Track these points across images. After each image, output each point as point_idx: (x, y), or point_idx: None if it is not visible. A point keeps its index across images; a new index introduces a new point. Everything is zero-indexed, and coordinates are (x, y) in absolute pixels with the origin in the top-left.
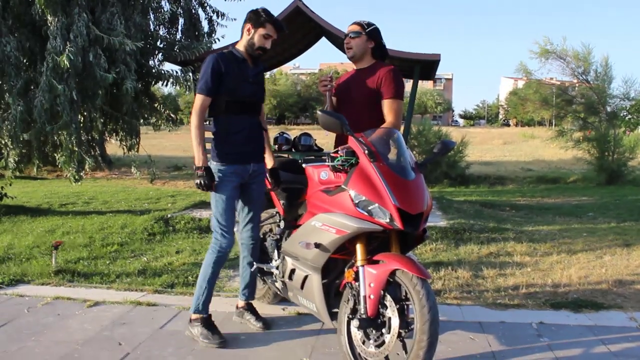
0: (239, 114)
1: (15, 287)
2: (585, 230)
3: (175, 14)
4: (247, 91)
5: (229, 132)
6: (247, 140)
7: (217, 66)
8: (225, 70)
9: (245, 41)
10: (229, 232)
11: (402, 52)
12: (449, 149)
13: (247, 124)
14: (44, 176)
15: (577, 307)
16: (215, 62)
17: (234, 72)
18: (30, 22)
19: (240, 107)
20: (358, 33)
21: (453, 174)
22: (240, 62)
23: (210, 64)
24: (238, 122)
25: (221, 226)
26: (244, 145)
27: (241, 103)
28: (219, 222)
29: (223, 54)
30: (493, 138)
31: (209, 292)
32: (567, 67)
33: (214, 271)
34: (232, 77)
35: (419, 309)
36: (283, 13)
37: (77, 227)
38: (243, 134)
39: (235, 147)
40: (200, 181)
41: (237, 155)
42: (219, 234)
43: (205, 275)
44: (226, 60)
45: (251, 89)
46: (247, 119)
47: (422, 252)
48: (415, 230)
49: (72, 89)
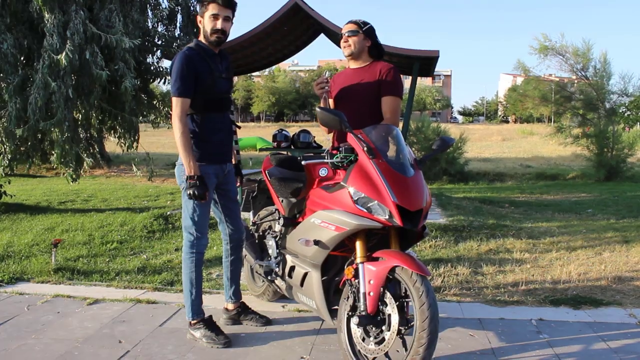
0: (217, 112)
1: (15, 285)
2: (585, 227)
3: (174, 10)
4: (223, 87)
5: (210, 130)
6: (223, 139)
7: (191, 64)
8: (199, 67)
9: (202, 33)
10: (204, 233)
11: (400, 49)
12: (448, 145)
13: (224, 121)
14: (43, 174)
15: (576, 303)
16: (187, 59)
17: (206, 68)
18: (28, 19)
19: (216, 105)
20: (355, 32)
21: (452, 171)
22: (211, 57)
23: (182, 62)
24: (217, 120)
25: (197, 228)
26: (223, 145)
27: (217, 100)
28: (195, 224)
29: (192, 49)
30: (492, 134)
31: (198, 293)
32: (566, 64)
33: (197, 273)
34: (206, 74)
35: (419, 306)
36: (281, 10)
37: (76, 225)
38: (221, 133)
39: (216, 146)
40: (194, 191)
41: (218, 156)
42: (194, 237)
43: (190, 279)
44: (198, 56)
45: (226, 85)
46: (221, 116)
47: (422, 249)
48: (415, 227)
49: (67, 86)
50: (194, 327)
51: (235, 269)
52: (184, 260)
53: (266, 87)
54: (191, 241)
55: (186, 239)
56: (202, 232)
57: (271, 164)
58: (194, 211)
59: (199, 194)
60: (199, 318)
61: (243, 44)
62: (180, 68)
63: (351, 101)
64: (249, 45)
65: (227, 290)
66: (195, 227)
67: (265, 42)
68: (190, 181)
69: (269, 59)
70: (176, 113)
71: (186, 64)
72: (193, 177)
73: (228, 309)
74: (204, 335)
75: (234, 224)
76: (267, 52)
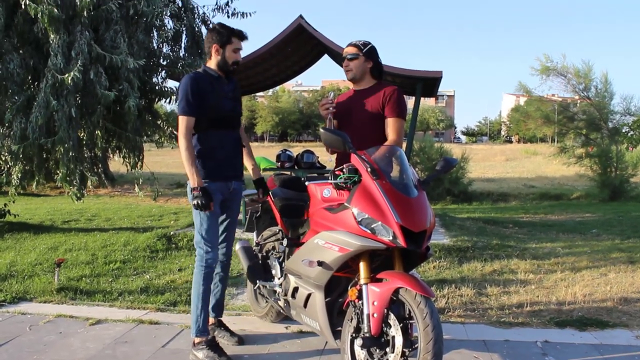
0: (221, 130)
1: (17, 304)
2: (589, 247)
3: (179, 32)
4: (227, 107)
5: (213, 148)
6: (229, 157)
7: (195, 85)
8: (203, 88)
9: (217, 61)
10: (213, 247)
11: (404, 70)
12: (451, 166)
13: (229, 139)
14: (47, 193)
15: (582, 325)
16: (192, 81)
17: (211, 90)
18: (34, 39)
19: (222, 123)
20: (356, 55)
21: (456, 191)
22: (215, 80)
23: (188, 84)
24: (221, 139)
25: (206, 242)
26: (227, 163)
27: (222, 119)
28: (204, 238)
29: (198, 74)
30: (495, 154)
31: (206, 310)
32: (568, 84)
33: (205, 288)
34: (211, 95)
35: (423, 327)
36: (286, 31)
37: (79, 245)
38: (226, 150)
39: (219, 164)
40: (198, 202)
41: (221, 173)
42: (203, 250)
43: (197, 294)
44: (202, 79)
45: (230, 104)
46: (229, 134)
47: (426, 269)
48: (419, 248)
49: (70, 105)
50: (196, 348)
51: (217, 285)
52: (194, 274)
53: (270, 107)
54: (200, 255)
55: (197, 253)
56: (211, 246)
57: (275, 184)
58: (201, 225)
59: (203, 204)
60: (202, 337)
61: (248, 64)
62: (186, 89)
63: (355, 122)
64: (253, 66)
65: (210, 305)
66: (204, 241)
67: (269, 62)
68: (194, 192)
69: (273, 79)
70: (181, 131)
71: (192, 85)
72: (197, 188)
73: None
74: (206, 356)
75: (223, 240)
76: (271, 72)
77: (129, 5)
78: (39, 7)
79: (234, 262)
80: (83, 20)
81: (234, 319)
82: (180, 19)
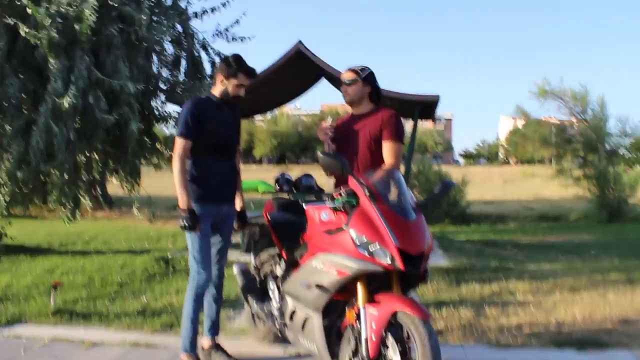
0: (218, 157)
1: (12, 327)
2: (588, 268)
3: (179, 56)
4: (226, 135)
5: (208, 174)
6: (223, 182)
7: (196, 110)
8: (204, 114)
9: (220, 90)
10: (205, 268)
11: (402, 94)
12: (449, 189)
13: (224, 166)
14: (45, 215)
15: (582, 346)
16: (194, 106)
17: (212, 116)
18: (34, 64)
19: (219, 150)
20: (354, 80)
21: (454, 213)
22: (217, 107)
23: (190, 109)
24: (216, 165)
25: (198, 263)
26: (220, 188)
27: (219, 146)
28: (195, 258)
29: (201, 99)
30: (493, 177)
31: (195, 329)
32: (565, 107)
33: (195, 308)
34: (211, 121)
35: (421, 349)
36: (285, 55)
37: (76, 267)
38: (220, 177)
39: (212, 189)
40: (185, 223)
41: (214, 197)
42: (195, 271)
43: (188, 313)
44: (204, 105)
45: (229, 132)
46: (224, 161)
47: (424, 291)
48: (417, 271)
49: (69, 129)
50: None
51: (211, 306)
52: (187, 295)
53: (268, 131)
54: (192, 275)
55: (190, 275)
56: (203, 267)
57: (273, 207)
58: (192, 246)
59: (189, 226)
60: (188, 354)
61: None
62: (188, 112)
63: (353, 146)
64: (252, 90)
65: (207, 327)
66: (196, 262)
67: (268, 86)
68: (182, 213)
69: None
70: (177, 152)
71: (193, 109)
72: (184, 210)
73: (203, 347)
74: None
75: (216, 262)
76: (270, 96)
77: (130, 30)
78: (40, 32)
79: (232, 284)
80: (83, 45)
81: (232, 341)
82: (180, 44)
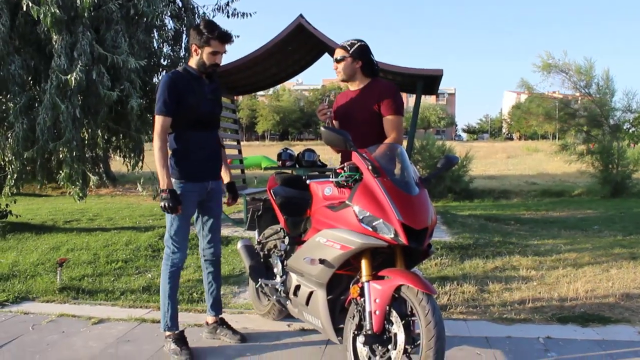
0: (199, 131)
1: (19, 304)
2: (591, 244)
3: (179, 31)
4: (206, 108)
5: (189, 149)
6: (206, 157)
7: (173, 85)
8: (182, 88)
9: (196, 61)
10: (181, 247)
11: (404, 68)
12: (453, 164)
13: (206, 140)
14: (49, 193)
15: (584, 321)
16: (170, 81)
17: (190, 89)
18: (36, 41)
19: (200, 124)
20: (342, 57)
21: (457, 189)
22: (195, 79)
23: (166, 84)
24: (198, 139)
25: (174, 242)
26: (203, 163)
27: (201, 120)
28: (172, 238)
29: (178, 73)
30: (497, 152)
31: (173, 307)
32: (569, 81)
33: (172, 286)
34: (190, 95)
35: (425, 324)
36: (286, 30)
37: (81, 244)
38: (203, 152)
39: (195, 164)
40: (165, 204)
41: (197, 173)
42: (170, 250)
43: (164, 291)
44: (181, 79)
45: (209, 105)
46: (206, 135)
47: (427, 267)
48: (420, 246)
49: (75, 106)
50: (165, 340)
51: (211, 283)
52: (162, 273)
53: (270, 106)
54: (167, 254)
55: (164, 252)
56: (179, 246)
57: (276, 182)
58: (171, 225)
59: (170, 207)
60: (170, 332)
61: (248, 64)
62: (164, 88)
63: (353, 122)
64: (253, 65)
65: (209, 305)
66: (172, 240)
67: (269, 61)
68: (163, 194)
69: (274, 78)
70: (157, 130)
71: (169, 85)
72: (165, 190)
73: (208, 322)
74: (169, 349)
75: (210, 240)
76: (271, 71)
77: (129, 5)
78: (42, 8)
79: (236, 261)
80: (84, 21)
81: (237, 317)
82: (181, 19)
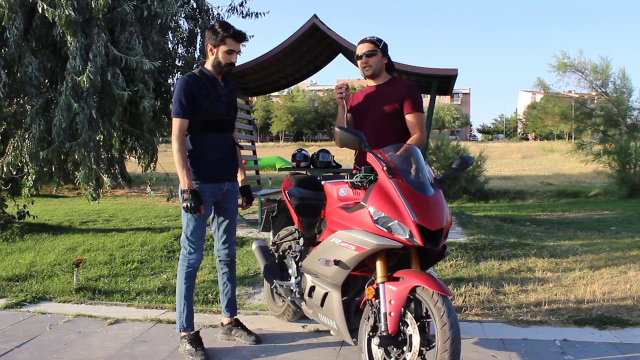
0: (214, 133)
1: (37, 304)
2: (608, 245)
3: (194, 32)
4: (221, 110)
5: (204, 150)
6: (222, 159)
7: (189, 88)
8: (197, 90)
9: (211, 61)
10: (197, 248)
11: (419, 68)
12: (468, 164)
13: (222, 142)
14: (65, 194)
15: (601, 323)
16: (186, 83)
17: (206, 91)
18: (52, 43)
19: (215, 126)
20: (374, 51)
21: (472, 189)
22: (211, 82)
23: (182, 87)
24: (213, 141)
25: (190, 242)
26: (218, 164)
27: (215, 122)
28: (188, 239)
29: (193, 75)
30: (512, 152)
31: (189, 307)
32: (585, 80)
33: (188, 286)
34: (205, 97)
35: (440, 326)
36: (300, 30)
37: (97, 245)
38: (218, 153)
39: (210, 165)
40: (188, 204)
41: (212, 174)
42: (187, 250)
43: (180, 291)
44: (197, 81)
45: (224, 107)
46: (221, 137)
47: (442, 268)
48: (435, 247)
49: (91, 107)
50: (181, 341)
51: (225, 284)
52: (178, 273)
53: (285, 107)
54: (184, 255)
55: (181, 252)
56: (195, 247)
57: (291, 183)
58: (187, 226)
59: (193, 207)
60: (186, 332)
61: (262, 64)
62: (180, 91)
63: (372, 118)
64: (268, 66)
65: (223, 305)
66: (188, 241)
67: (284, 62)
68: (184, 195)
69: (288, 79)
70: (174, 133)
71: (185, 87)
72: (187, 191)
73: (223, 323)
74: (185, 350)
75: (225, 241)
76: (285, 72)
77: (143, 7)
78: (57, 10)
79: (250, 262)
80: (99, 22)
81: (251, 318)
82: (195, 20)
